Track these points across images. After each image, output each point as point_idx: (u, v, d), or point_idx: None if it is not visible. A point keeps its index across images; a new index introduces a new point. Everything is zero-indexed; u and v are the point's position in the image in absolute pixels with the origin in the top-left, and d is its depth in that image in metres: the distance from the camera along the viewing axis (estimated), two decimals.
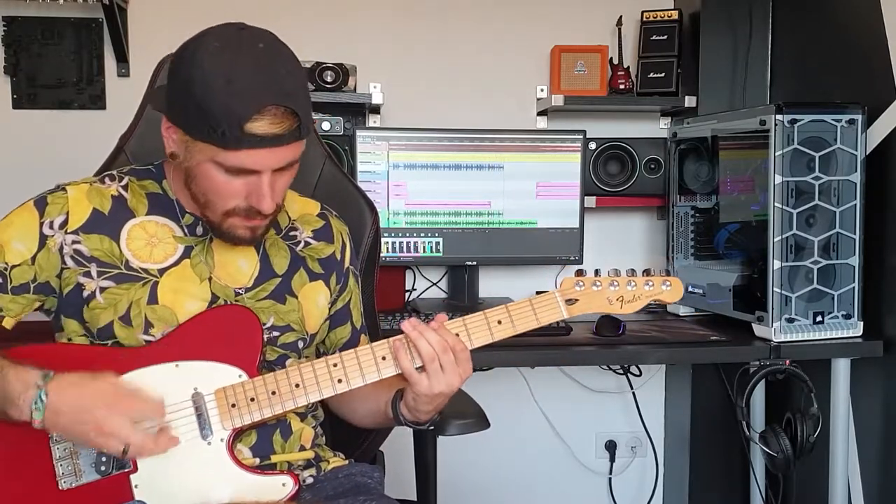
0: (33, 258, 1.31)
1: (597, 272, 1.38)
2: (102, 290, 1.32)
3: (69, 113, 2.58)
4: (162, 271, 1.34)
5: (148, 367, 1.29)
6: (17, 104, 2.56)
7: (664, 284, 1.38)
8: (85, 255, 1.32)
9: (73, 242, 1.32)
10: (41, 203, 1.33)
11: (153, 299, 1.32)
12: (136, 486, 1.26)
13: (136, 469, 1.27)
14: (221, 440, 1.29)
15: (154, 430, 1.23)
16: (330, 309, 1.49)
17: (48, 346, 1.35)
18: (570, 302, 1.36)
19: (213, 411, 1.29)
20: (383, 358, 1.32)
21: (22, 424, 1.22)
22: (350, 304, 1.53)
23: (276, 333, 1.39)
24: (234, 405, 1.29)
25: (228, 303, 1.36)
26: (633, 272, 1.39)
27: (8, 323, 1.33)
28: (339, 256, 1.50)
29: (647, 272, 1.39)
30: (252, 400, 1.29)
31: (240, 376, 1.30)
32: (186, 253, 1.36)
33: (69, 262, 1.32)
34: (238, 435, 1.31)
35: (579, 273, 1.38)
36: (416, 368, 1.30)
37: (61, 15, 2.54)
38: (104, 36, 2.55)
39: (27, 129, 2.56)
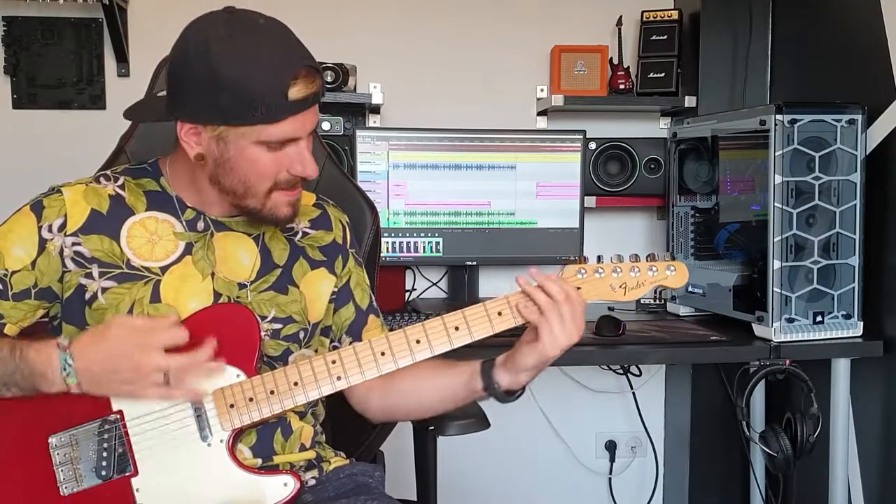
0: (33, 263, 1.30)
1: (599, 258, 1.34)
2: (104, 290, 1.31)
3: (69, 113, 2.58)
4: (164, 269, 1.34)
5: None
6: (17, 104, 2.56)
7: (668, 269, 1.33)
8: (86, 256, 1.32)
9: (73, 244, 1.31)
10: (37, 207, 1.32)
11: (156, 298, 1.32)
12: (137, 490, 1.26)
13: (136, 473, 1.27)
14: (221, 441, 1.28)
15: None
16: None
17: None
18: None
19: (211, 412, 1.28)
20: (382, 353, 1.31)
21: (19, 430, 1.22)
22: (350, 283, 1.51)
23: (277, 326, 1.39)
24: (232, 405, 1.29)
25: (231, 299, 1.36)
26: (636, 258, 1.34)
27: (10, 330, 1.32)
28: (340, 241, 1.50)
29: (651, 257, 1.34)
30: (251, 400, 1.29)
31: (238, 376, 1.30)
32: (188, 249, 1.36)
33: (70, 265, 1.31)
34: (238, 435, 1.31)
35: (581, 260, 1.33)
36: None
37: (61, 15, 2.55)
38: (104, 36, 2.55)
39: (27, 129, 2.56)
